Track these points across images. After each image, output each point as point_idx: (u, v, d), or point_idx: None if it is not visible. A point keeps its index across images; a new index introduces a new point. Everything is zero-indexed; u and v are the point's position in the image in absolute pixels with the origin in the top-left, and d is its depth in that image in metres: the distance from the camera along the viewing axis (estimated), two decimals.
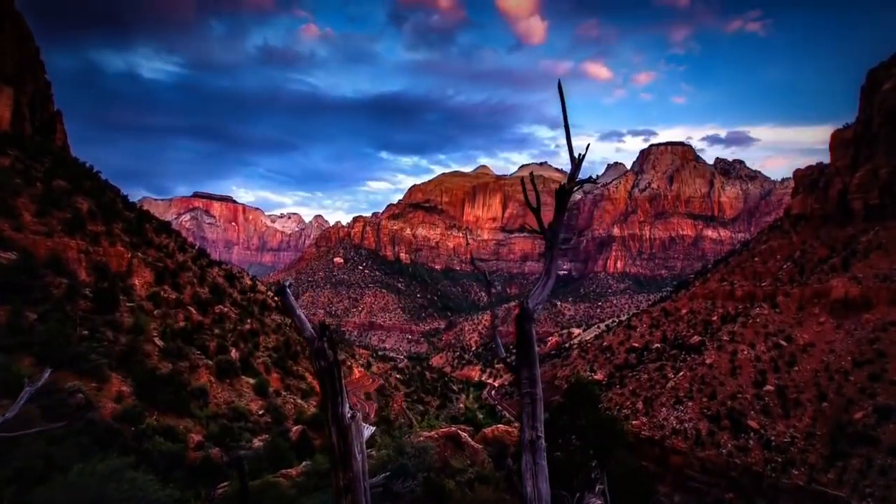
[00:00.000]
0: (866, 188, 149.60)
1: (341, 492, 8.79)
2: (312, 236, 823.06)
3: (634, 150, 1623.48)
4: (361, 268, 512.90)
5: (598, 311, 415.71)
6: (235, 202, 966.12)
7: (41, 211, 63.74)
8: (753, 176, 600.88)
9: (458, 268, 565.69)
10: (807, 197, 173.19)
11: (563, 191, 8.78)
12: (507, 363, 9.16)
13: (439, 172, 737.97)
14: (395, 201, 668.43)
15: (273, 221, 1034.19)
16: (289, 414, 57.43)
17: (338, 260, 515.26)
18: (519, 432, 8.32)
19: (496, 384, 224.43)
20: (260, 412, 55.04)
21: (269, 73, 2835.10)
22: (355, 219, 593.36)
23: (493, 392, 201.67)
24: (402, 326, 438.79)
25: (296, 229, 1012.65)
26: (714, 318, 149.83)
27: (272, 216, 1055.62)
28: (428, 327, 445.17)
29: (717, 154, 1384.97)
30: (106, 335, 48.29)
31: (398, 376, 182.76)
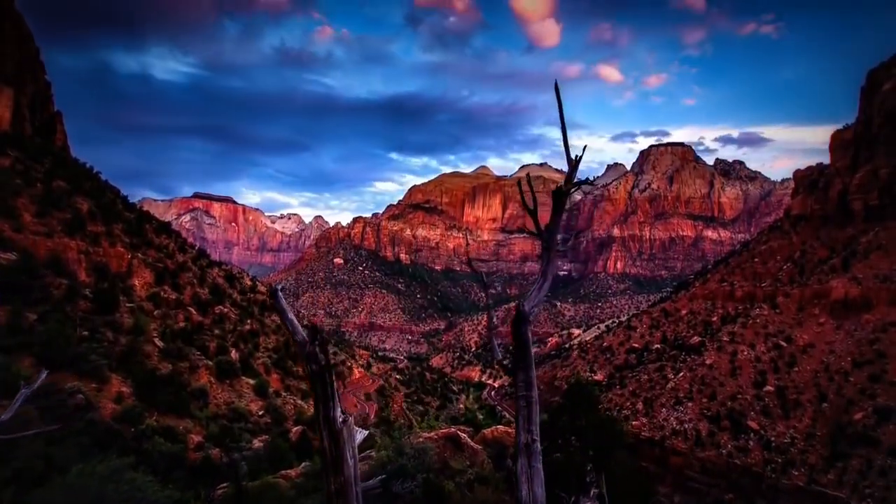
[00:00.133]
0: (866, 189, 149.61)
1: (333, 496, 8.73)
2: (312, 237, 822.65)
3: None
4: (361, 268, 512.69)
5: (598, 312, 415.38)
6: (235, 203, 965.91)
7: (41, 211, 63.79)
8: (753, 176, 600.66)
9: (458, 268, 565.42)
10: (807, 197, 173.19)
11: (560, 192, 8.71)
12: (504, 365, 9.11)
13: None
14: (396, 202, 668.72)
15: (273, 222, 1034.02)
16: (289, 414, 57.45)
17: (338, 261, 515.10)
18: (515, 435, 8.28)
19: (496, 385, 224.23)
20: (260, 413, 55.07)
21: (284, 74, 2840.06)
22: (355, 219, 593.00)
23: (493, 393, 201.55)
24: (402, 327, 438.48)
25: (296, 230, 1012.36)
26: (714, 319, 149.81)
27: (272, 217, 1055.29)
28: (428, 328, 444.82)
29: (731, 154, 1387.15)
30: (106, 336, 48.33)
31: (398, 377, 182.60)
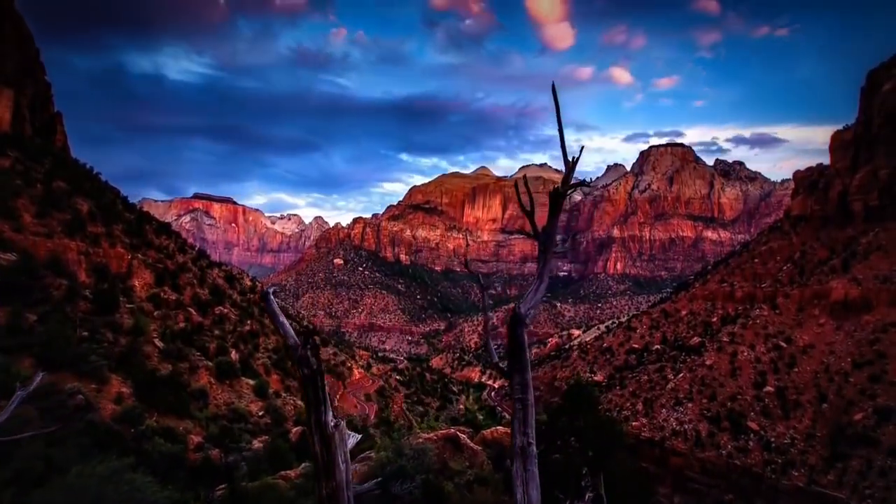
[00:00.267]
0: (866, 189, 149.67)
1: (324, 501, 8.66)
2: (312, 237, 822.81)
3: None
4: (361, 269, 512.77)
5: (598, 313, 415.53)
6: (235, 203, 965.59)
7: (41, 212, 63.79)
8: (753, 177, 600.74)
9: (458, 269, 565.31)
10: (807, 198, 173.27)
11: (557, 194, 8.68)
12: (500, 368, 9.07)
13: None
14: (396, 202, 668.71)
15: (273, 223, 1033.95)
16: (289, 415, 57.44)
17: (338, 261, 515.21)
18: (511, 438, 8.24)
19: (496, 385, 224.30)
20: (260, 413, 55.06)
21: (298, 76, 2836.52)
22: (355, 220, 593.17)
23: (493, 393, 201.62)
24: (402, 328, 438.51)
25: (296, 230, 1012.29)
26: (714, 320, 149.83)
27: (272, 217, 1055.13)
28: (428, 328, 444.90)
29: (743, 155, 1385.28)
30: (106, 336, 48.29)
31: (398, 377, 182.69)
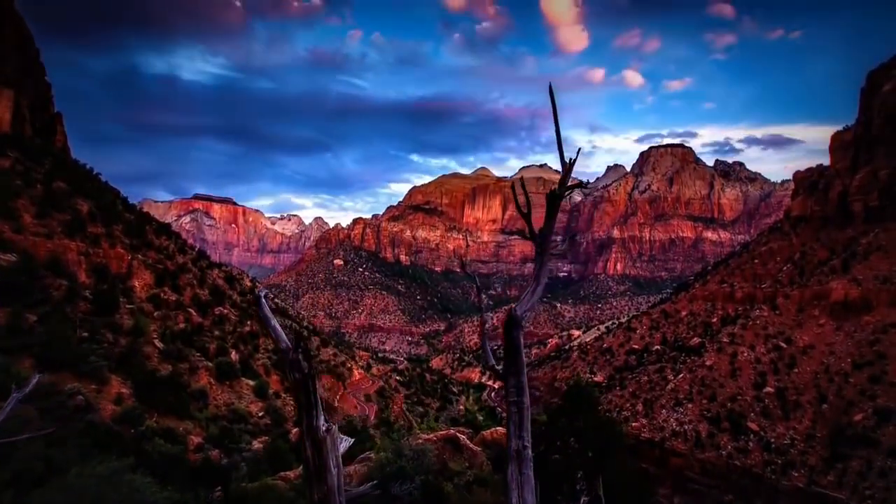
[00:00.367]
0: (866, 190, 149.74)
1: None
2: (312, 238, 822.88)
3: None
4: (361, 270, 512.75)
5: (598, 313, 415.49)
6: (235, 204, 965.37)
7: (41, 213, 63.79)
8: (753, 178, 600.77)
9: (458, 270, 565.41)
10: (807, 199, 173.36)
11: (554, 195, 8.65)
12: (496, 370, 9.03)
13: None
14: (396, 203, 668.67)
15: (273, 223, 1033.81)
16: (288, 416, 57.39)
17: (338, 262, 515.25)
18: (506, 441, 8.21)
19: (496, 386, 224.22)
20: (260, 414, 55.07)
21: (313, 77, 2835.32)
22: (355, 220, 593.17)
23: (493, 394, 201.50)
24: (402, 328, 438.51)
25: (296, 231, 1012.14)
26: (714, 320, 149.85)
27: (272, 218, 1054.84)
28: (428, 329, 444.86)
29: (758, 155, 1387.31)
30: (106, 337, 48.30)
31: (398, 378, 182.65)
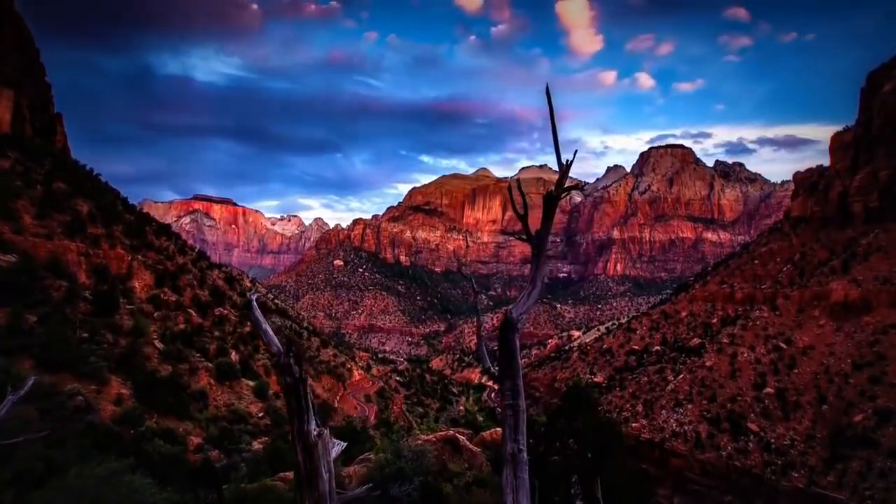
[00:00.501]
0: (866, 191, 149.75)
1: None
2: (312, 239, 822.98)
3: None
4: (361, 270, 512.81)
5: (598, 314, 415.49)
6: (235, 204, 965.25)
7: (41, 213, 63.80)
8: (753, 178, 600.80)
9: (459, 270, 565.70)
10: (807, 199, 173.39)
11: (551, 197, 8.61)
12: (492, 373, 9.00)
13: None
14: (396, 203, 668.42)
15: (273, 224, 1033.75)
16: None
17: (338, 262, 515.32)
18: (501, 444, 8.17)
19: (496, 387, 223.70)
20: (260, 414, 55.07)
21: (328, 79, 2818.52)
22: (355, 221, 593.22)
23: (493, 395, 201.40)
24: (402, 329, 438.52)
25: (296, 232, 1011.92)
26: (714, 321, 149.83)
27: (272, 219, 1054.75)
28: (428, 329, 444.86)
29: (772, 156, 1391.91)
30: (106, 338, 48.32)
31: (398, 379, 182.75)
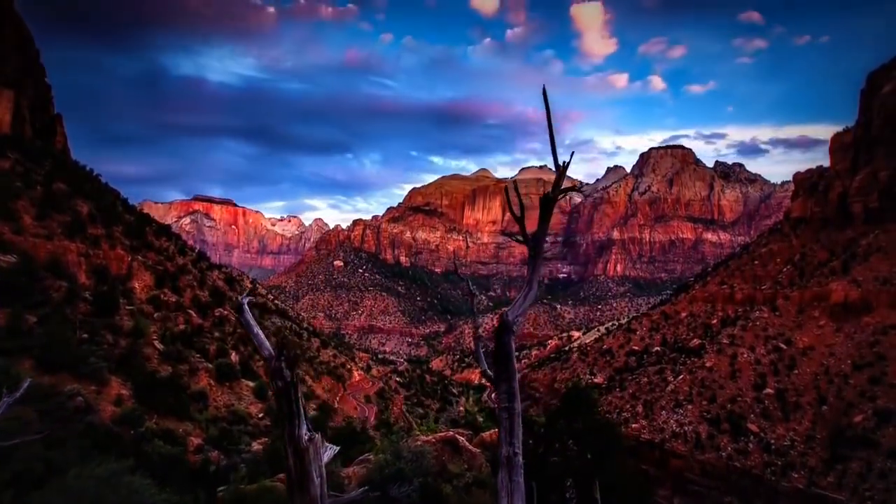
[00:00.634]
0: (866, 191, 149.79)
1: None
2: (312, 239, 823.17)
3: (701, 151, 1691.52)
4: (361, 271, 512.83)
5: (598, 315, 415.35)
6: (236, 205, 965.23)
7: (41, 214, 63.85)
8: (753, 179, 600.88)
9: (458, 271, 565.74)
10: (807, 200, 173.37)
11: (548, 199, 8.61)
12: (488, 375, 8.99)
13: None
14: (396, 204, 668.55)
15: (273, 224, 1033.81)
16: None
17: (338, 263, 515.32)
18: (497, 447, 8.16)
19: None
20: (260, 415, 55.06)
21: (341, 80, 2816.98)
22: (355, 222, 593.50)
23: (493, 395, 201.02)
24: (402, 329, 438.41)
25: (296, 232, 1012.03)
26: (714, 322, 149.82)
27: (272, 219, 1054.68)
28: (428, 330, 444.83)
29: (784, 157, 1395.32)
30: (106, 338, 48.36)
31: (398, 379, 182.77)
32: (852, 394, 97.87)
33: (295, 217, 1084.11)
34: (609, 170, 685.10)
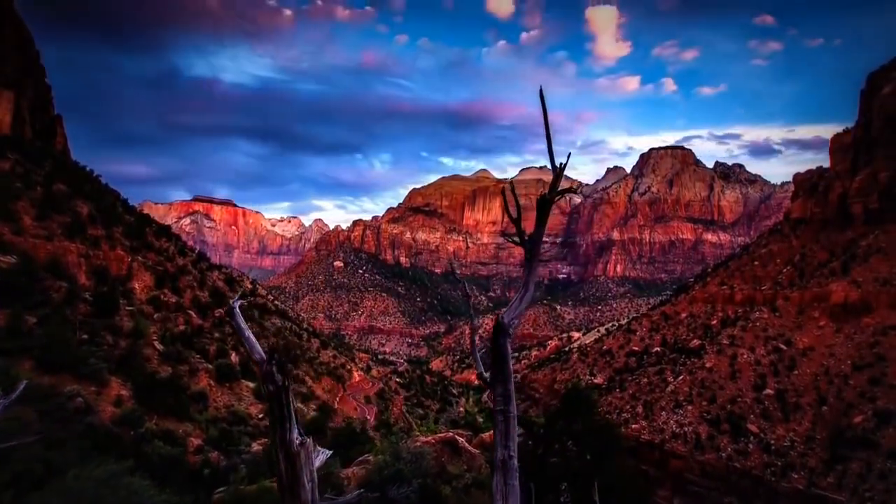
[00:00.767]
0: (866, 192, 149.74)
1: None
2: (312, 240, 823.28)
3: (712, 151, 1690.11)
4: (361, 271, 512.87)
5: (598, 315, 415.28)
6: (236, 205, 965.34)
7: (41, 215, 63.89)
8: (753, 180, 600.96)
9: (459, 271, 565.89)
10: (807, 201, 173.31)
11: (545, 200, 8.58)
12: (484, 378, 8.96)
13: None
14: (396, 205, 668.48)
15: (273, 225, 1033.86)
16: None
17: (338, 264, 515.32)
18: (492, 450, 8.14)
19: None
20: (259, 416, 55.05)
21: (355, 81, 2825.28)
22: (355, 222, 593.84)
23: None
24: (402, 330, 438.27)
25: (296, 233, 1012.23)
26: (714, 322, 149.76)
27: (272, 220, 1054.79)
28: (428, 331, 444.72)
29: (796, 157, 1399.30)
30: (105, 339, 48.36)
31: (398, 380, 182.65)
32: (852, 394, 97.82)
33: (295, 218, 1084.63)
34: (609, 170, 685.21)
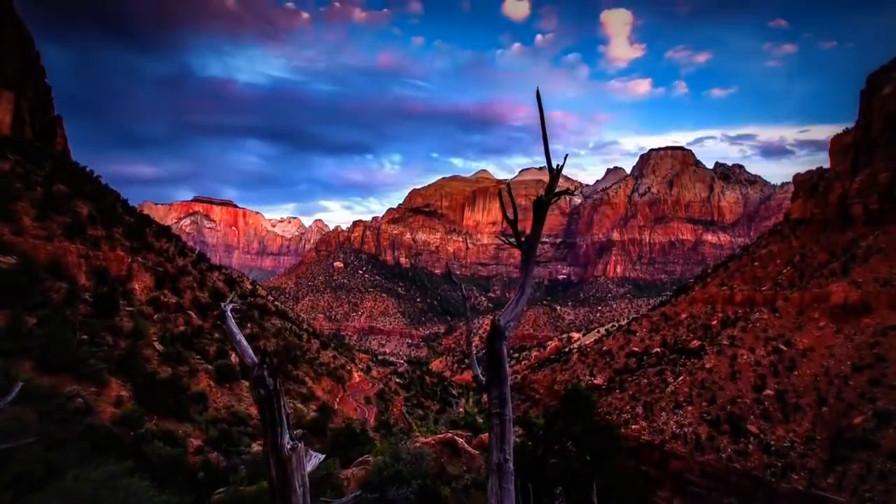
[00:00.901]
0: (866, 193, 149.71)
1: None
2: (312, 240, 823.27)
3: (725, 152, 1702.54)
4: (361, 272, 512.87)
5: (598, 316, 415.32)
6: (236, 206, 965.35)
7: (41, 215, 63.90)
8: (753, 180, 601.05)
9: (458, 272, 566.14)
10: (807, 201, 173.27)
11: (541, 202, 8.54)
12: (480, 381, 8.92)
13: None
14: (396, 205, 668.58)
15: (273, 226, 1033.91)
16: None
17: (338, 264, 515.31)
18: (488, 454, 8.10)
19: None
20: (259, 417, 54.98)
21: (369, 81, 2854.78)
22: (355, 223, 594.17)
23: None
24: (402, 331, 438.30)
25: (296, 233, 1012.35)
26: (714, 323, 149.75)
27: (272, 220, 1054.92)
28: (428, 331, 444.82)
29: (811, 157, 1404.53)
30: (105, 340, 48.35)
31: (398, 381, 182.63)
32: (852, 395, 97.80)
33: (295, 218, 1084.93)
34: (609, 171, 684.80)
